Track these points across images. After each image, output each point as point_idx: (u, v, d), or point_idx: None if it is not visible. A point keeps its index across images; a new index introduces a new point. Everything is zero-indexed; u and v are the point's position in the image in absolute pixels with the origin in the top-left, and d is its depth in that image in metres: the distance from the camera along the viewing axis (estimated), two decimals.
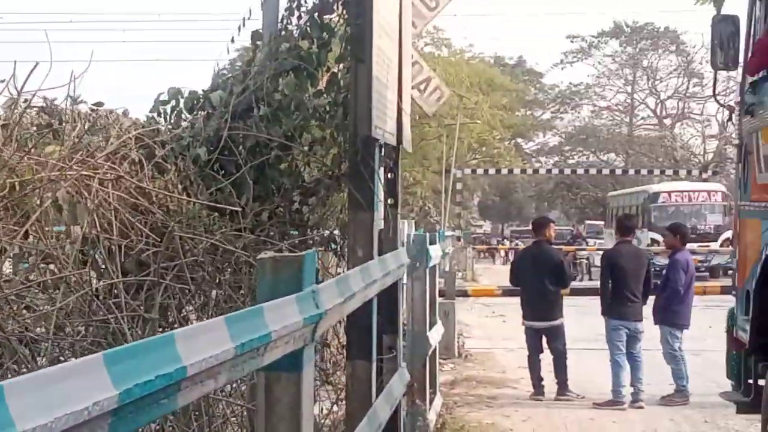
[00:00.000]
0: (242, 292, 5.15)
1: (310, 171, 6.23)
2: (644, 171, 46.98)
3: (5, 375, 3.39)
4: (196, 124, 5.61)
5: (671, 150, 57.85)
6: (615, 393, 10.01)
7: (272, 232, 5.66)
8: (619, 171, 50.20)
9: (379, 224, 5.83)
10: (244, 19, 6.36)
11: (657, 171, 46.52)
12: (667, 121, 61.80)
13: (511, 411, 9.78)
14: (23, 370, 3.60)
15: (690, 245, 17.91)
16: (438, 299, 10.41)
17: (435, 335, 9.02)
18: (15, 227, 3.90)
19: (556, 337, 10.54)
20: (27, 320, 3.75)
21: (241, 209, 5.27)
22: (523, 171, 50.53)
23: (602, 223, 44.68)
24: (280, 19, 6.08)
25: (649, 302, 10.48)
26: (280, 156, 5.80)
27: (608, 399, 10.00)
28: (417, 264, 8.13)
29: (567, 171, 51.26)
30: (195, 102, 5.90)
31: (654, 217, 32.46)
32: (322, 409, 5.84)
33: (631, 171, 48.01)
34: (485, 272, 36.53)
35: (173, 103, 5.88)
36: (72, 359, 3.86)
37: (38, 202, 3.98)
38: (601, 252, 15.57)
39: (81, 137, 4.61)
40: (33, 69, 4.19)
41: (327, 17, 5.96)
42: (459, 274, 27.67)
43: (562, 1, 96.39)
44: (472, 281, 30.47)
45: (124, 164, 4.73)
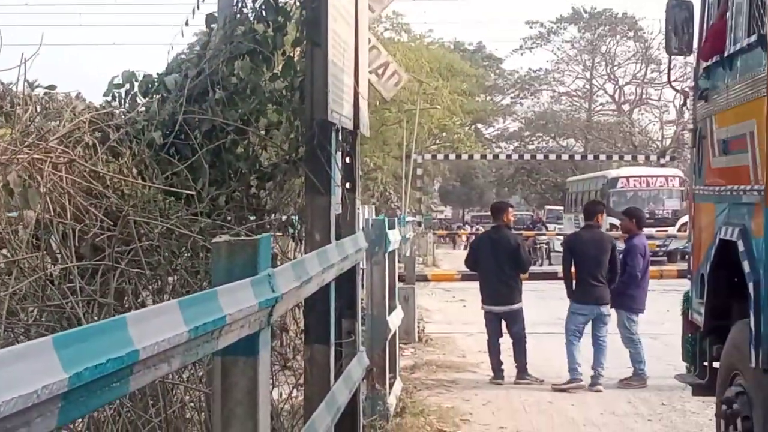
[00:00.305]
0: (199, 277, 5.11)
1: (268, 155, 6.20)
2: (603, 156, 47.28)
3: None
4: (151, 108, 5.56)
5: (630, 135, 58.27)
6: (571, 371, 10.11)
7: (229, 217, 5.63)
8: (579, 156, 50.45)
9: (337, 209, 5.83)
10: (199, 2, 6.31)
11: (616, 156, 46.88)
12: (626, 107, 62.22)
13: (471, 395, 9.83)
14: None
15: (648, 230, 18.10)
16: (398, 284, 10.44)
17: (395, 320, 9.04)
18: None
19: (515, 322, 10.60)
20: None
21: (197, 193, 5.23)
22: (484, 156, 50.67)
23: (562, 209, 44.95)
24: (235, 2, 6.03)
25: None
26: (237, 140, 5.76)
27: (567, 380, 10.10)
28: (376, 248, 8.15)
29: (527, 156, 51.44)
30: (150, 85, 5.84)
31: (612, 202, 32.68)
32: (282, 394, 5.83)
33: (590, 156, 48.26)
34: (446, 257, 36.65)
35: (127, 87, 5.82)
36: None
37: None
38: (561, 237, 15.67)
39: (33, 120, 4.55)
40: None
41: (282, 0, 5.93)
42: (420, 260, 27.73)
43: None
44: (433, 266, 30.56)
45: (78, 148, 4.68)
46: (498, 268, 10.53)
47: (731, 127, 5.94)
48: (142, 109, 5.70)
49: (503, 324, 10.68)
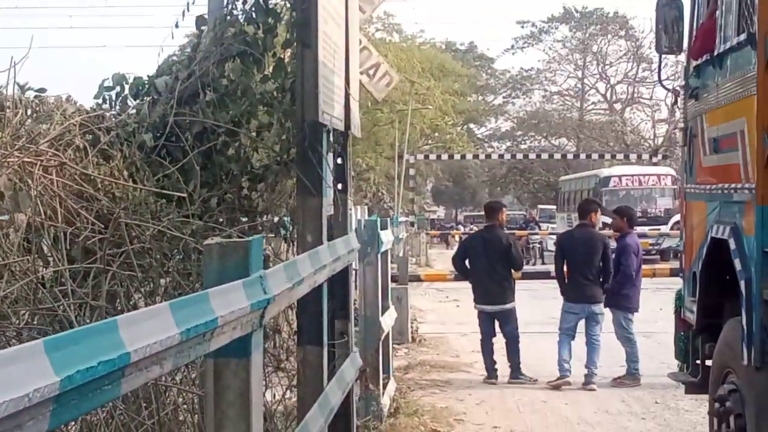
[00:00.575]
0: (191, 279, 5.11)
1: (259, 157, 6.19)
2: (595, 155, 47.32)
3: None
4: (142, 110, 5.55)
5: (621, 134, 58.34)
6: (559, 368, 10.14)
7: (221, 219, 5.63)
8: (571, 155, 50.47)
9: (329, 210, 5.83)
10: (189, 4, 6.30)
11: (608, 155, 46.91)
12: (617, 106, 62.30)
13: (465, 394, 9.84)
14: None
15: (641, 228, 18.13)
16: (391, 284, 10.44)
17: (388, 320, 9.05)
18: None
19: (508, 321, 10.61)
20: None
21: (189, 195, 5.23)
22: (476, 156, 50.67)
23: (554, 208, 44.98)
24: (225, 4, 6.03)
25: None
26: (228, 142, 5.76)
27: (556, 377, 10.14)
28: (368, 249, 8.16)
29: (519, 156, 51.46)
30: (140, 88, 5.83)
31: (605, 201, 32.67)
32: (275, 396, 5.83)
33: (583, 155, 48.29)
34: (439, 257, 36.64)
35: (118, 89, 5.81)
36: None
37: None
38: (554, 236, 15.68)
39: (23, 123, 4.54)
40: None
41: (272, 2, 5.93)
42: (413, 260, 27.74)
43: None
44: (426, 266, 30.57)
45: (69, 151, 4.67)
46: (490, 268, 10.53)
47: (722, 126, 5.95)
48: (133, 112, 5.69)
49: (496, 324, 10.69)
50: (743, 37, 5.43)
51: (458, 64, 53.02)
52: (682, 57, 7.54)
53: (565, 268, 10.46)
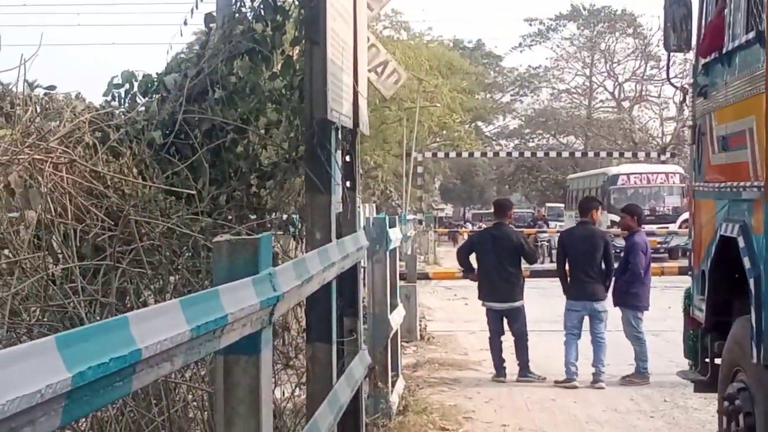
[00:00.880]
0: (201, 276, 5.12)
1: (268, 154, 6.20)
2: (603, 153, 47.24)
3: None
4: (151, 108, 5.56)
5: (630, 132, 58.25)
6: (566, 370, 10.14)
7: (230, 216, 5.64)
8: (579, 153, 50.41)
9: (337, 207, 5.83)
10: (198, 2, 6.31)
11: (616, 153, 46.81)
12: (626, 104, 62.18)
13: (474, 392, 9.84)
14: None
15: (649, 227, 18.08)
16: (399, 282, 10.44)
17: (396, 318, 9.05)
18: None
19: (517, 319, 10.61)
20: None
21: (198, 193, 5.24)
22: (484, 154, 50.69)
23: (563, 206, 44.94)
24: (234, 2, 6.04)
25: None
26: (237, 139, 5.77)
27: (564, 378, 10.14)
28: (377, 247, 8.16)
29: (527, 154, 51.43)
30: (149, 85, 5.84)
31: (613, 199, 32.70)
32: (284, 393, 5.83)
33: (591, 153, 48.23)
34: (447, 255, 36.62)
35: (127, 87, 5.82)
36: None
37: None
38: None
39: (33, 121, 4.55)
40: None
41: (280, 0, 5.93)
42: (421, 258, 27.73)
43: None
44: (435, 264, 30.56)
45: (78, 148, 4.68)
46: (499, 265, 10.53)
47: (730, 124, 5.94)
48: (142, 109, 5.70)
49: (505, 321, 10.68)
50: (752, 35, 5.42)
51: (466, 62, 53.02)
52: (691, 55, 7.52)
53: (567, 266, 10.46)
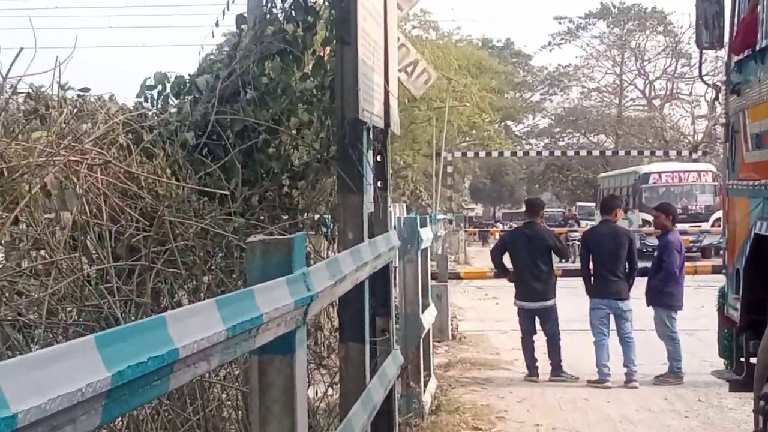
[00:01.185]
0: (234, 276, 5.14)
1: (299, 154, 6.22)
2: (634, 152, 46.97)
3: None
4: (183, 109, 5.59)
5: (661, 131, 57.90)
6: (598, 372, 10.10)
7: (262, 216, 5.65)
8: (610, 152, 50.17)
9: (369, 207, 5.83)
10: (229, 3, 6.34)
11: (647, 152, 46.54)
12: (656, 102, 61.81)
13: (506, 392, 9.81)
14: (17, 355, 3.60)
15: (681, 226, 17.94)
16: (430, 282, 10.43)
17: (428, 317, 9.05)
18: (4, 213, 3.89)
19: (549, 318, 10.57)
20: (20, 306, 3.75)
21: (231, 193, 5.26)
22: (514, 153, 50.54)
23: (593, 205, 44.72)
24: (265, 3, 6.06)
25: (639, 282, 10.51)
26: (268, 140, 5.79)
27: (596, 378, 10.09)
28: (408, 246, 8.16)
29: (557, 153, 51.27)
30: (181, 87, 5.88)
31: (645, 198, 32.51)
32: (317, 393, 5.85)
33: (622, 152, 47.99)
34: (477, 255, 36.55)
35: (159, 88, 5.86)
36: None
37: (27, 188, 3.97)
38: None
39: (68, 123, 4.59)
40: (17, 55, 4.17)
41: (311, 0, 5.95)
42: (451, 257, 27.69)
43: None
44: (465, 264, 30.49)
45: (112, 149, 4.71)
46: (532, 264, 10.50)
47: (764, 121, 5.89)
48: (175, 110, 5.74)
49: (537, 321, 10.65)
50: None
51: (495, 61, 52.88)
52: (723, 52, 7.46)
53: (591, 265, 10.42)
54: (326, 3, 5.93)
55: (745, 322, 6.24)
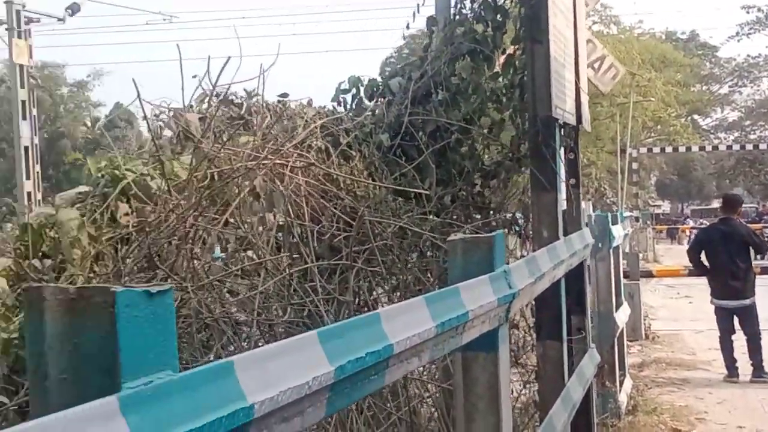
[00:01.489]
0: (428, 275, 5.19)
1: (490, 153, 6.22)
2: None
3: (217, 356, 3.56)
4: (378, 111, 5.70)
5: None
6: None
7: (455, 215, 5.68)
8: None
9: (562, 205, 5.78)
10: (419, 6, 6.41)
11: None
12: None
13: (705, 393, 9.51)
14: (231, 349, 3.76)
15: None
16: (622, 280, 10.23)
17: (622, 316, 8.88)
18: (216, 216, 4.07)
19: (749, 317, 10.18)
20: (230, 304, 3.91)
21: (425, 193, 5.32)
22: (702, 148, 48.92)
23: None
24: (454, 4, 6.10)
25: None
26: (461, 139, 5.82)
27: None
28: (600, 245, 8.03)
29: (749, 146, 49.31)
30: (374, 89, 5.98)
31: None
32: (512, 391, 5.83)
33: None
34: (667, 253, 35.63)
35: (353, 92, 5.98)
36: (271, 341, 3.99)
37: (236, 191, 4.13)
38: None
39: (271, 128, 4.75)
40: (225, 64, 4.35)
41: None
42: (641, 255, 27.07)
43: None
44: (654, 262, 29.77)
45: (311, 152, 4.84)
46: (730, 261, 10.15)
47: None
48: (368, 113, 5.85)
49: (735, 320, 10.28)
50: None
51: (680, 54, 51.30)
52: None
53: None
54: (515, 2, 5.91)
55: None
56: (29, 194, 19.04)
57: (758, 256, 11.30)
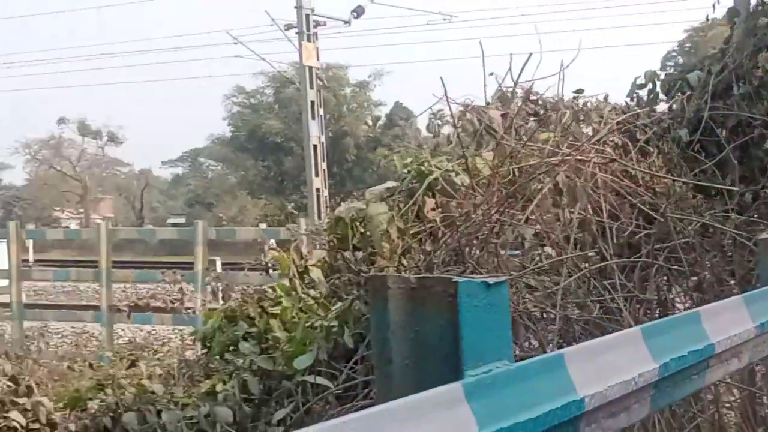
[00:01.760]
0: (726, 275, 4.99)
1: None
2: None
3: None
4: (675, 106, 5.55)
5: None
6: None
7: (758, 214, 5.44)
8: None
9: None
10: None
11: None
12: None
13: None
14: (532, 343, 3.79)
15: None
16: None
17: None
18: (517, 212, 4.10)
19: None
20: (530, 300, 3.93)
21: (727, 190, 5.14)
22: None
23: None
24: None
25: None
26: (765, 134, 5.55)
27: None
28: None
29: None
30: (671, 84, 5.83)
31: None
32: None
33: None
34: None
35: (649, 86, 5.86)
36: (568, 338, 3.98)
37: (538, 187, 4.15)
38: None
39: (569, 125, 4.73)
40: (527, 61, 4.37)
41: None
42: None
43: None
44: None
45: (607, 149, 4.78)
46: None
47: None
48: (664, 108, 5.71)
49: None
50: None
51: None
52: None
53: None
54: None
55: None
56: (317, 190, 19.89)
57: None
